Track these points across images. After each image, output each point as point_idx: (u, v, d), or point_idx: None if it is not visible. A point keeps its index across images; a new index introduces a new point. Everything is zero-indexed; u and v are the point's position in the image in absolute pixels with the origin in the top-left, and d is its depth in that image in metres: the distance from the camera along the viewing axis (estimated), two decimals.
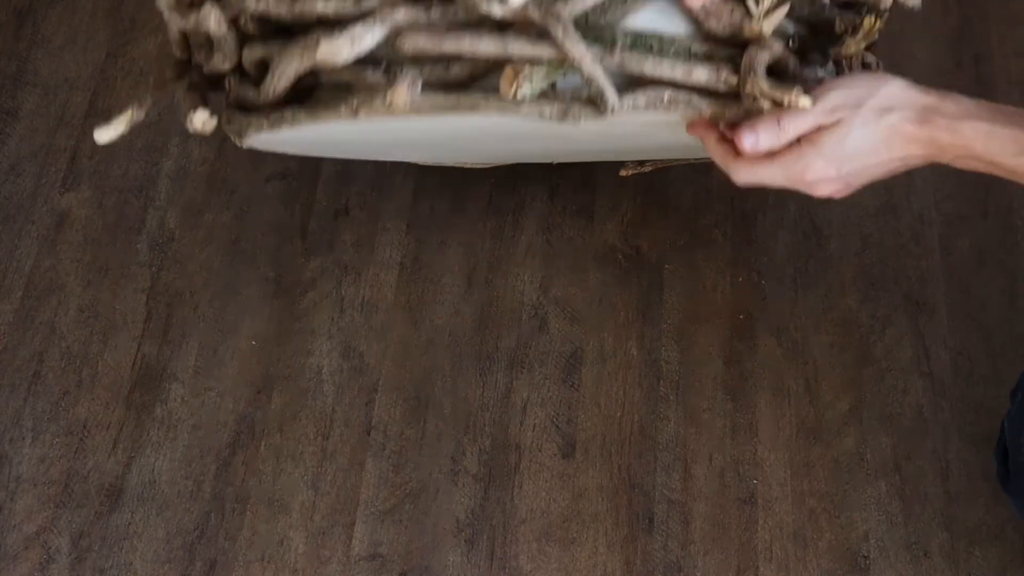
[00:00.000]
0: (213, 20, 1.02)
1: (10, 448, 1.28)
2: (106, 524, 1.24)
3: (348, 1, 0.98)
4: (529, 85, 0.98)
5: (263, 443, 1.29)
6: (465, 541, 1.24)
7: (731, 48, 1.02)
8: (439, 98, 0.99)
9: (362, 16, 0.97)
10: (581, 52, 0.97)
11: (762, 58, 1.01)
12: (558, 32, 0.96)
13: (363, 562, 1.23)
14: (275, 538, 1.24)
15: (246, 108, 1.06)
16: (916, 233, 1.42)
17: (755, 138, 1.02)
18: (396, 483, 1.27)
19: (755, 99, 1.00)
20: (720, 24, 1.02)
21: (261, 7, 1.01)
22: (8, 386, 1.32)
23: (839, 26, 1.07)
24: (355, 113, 1.00)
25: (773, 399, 1.31)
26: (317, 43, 0.96)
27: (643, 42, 1.01)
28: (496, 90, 0.99)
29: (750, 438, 1.29)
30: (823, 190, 1.04)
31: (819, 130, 1.02)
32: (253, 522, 1.24)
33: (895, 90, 1.03)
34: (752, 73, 1.00)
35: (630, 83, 1.01)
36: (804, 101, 0.99)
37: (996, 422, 1.27)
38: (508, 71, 0.97)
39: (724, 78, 1.01)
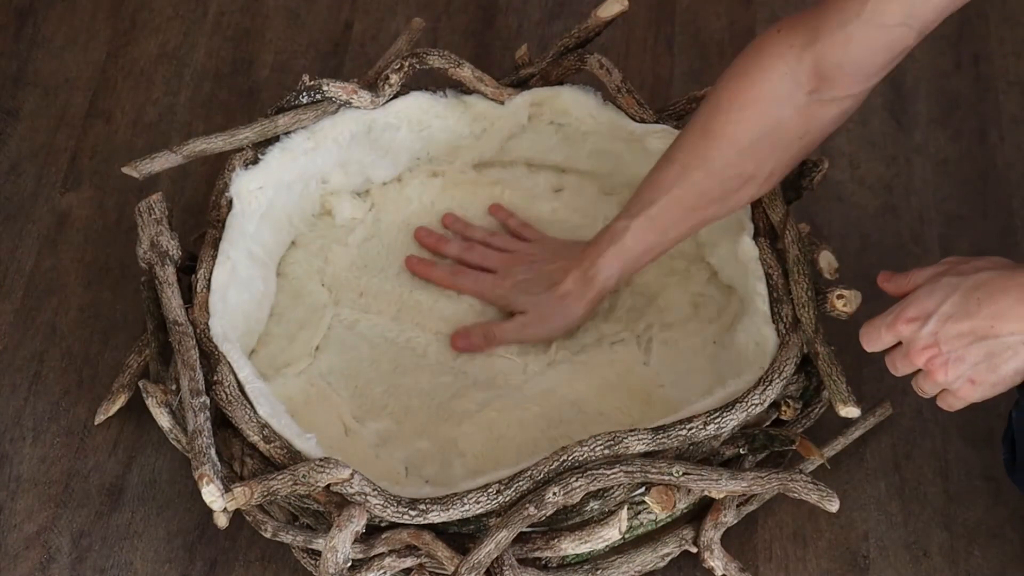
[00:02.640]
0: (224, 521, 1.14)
1: (11, 448, 1.28)
2: (107, 524, 1.24)
3: None
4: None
5: None
6: None
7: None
8: None
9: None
10: None
11: (716, 534, 1.19)
12: None
13: None
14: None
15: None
16: (916, 233, 1.42)
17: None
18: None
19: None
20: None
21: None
22: (9, 386, 1.32)
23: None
24: None
25: None
26: None
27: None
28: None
29: None
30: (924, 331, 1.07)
31: None
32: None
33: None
34: (709, 550, 1.19)
35: None
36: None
37: (995, 421, 1.27)
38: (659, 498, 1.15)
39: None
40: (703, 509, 1.20)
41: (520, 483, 1.13)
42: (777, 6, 1.61)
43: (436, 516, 1.12)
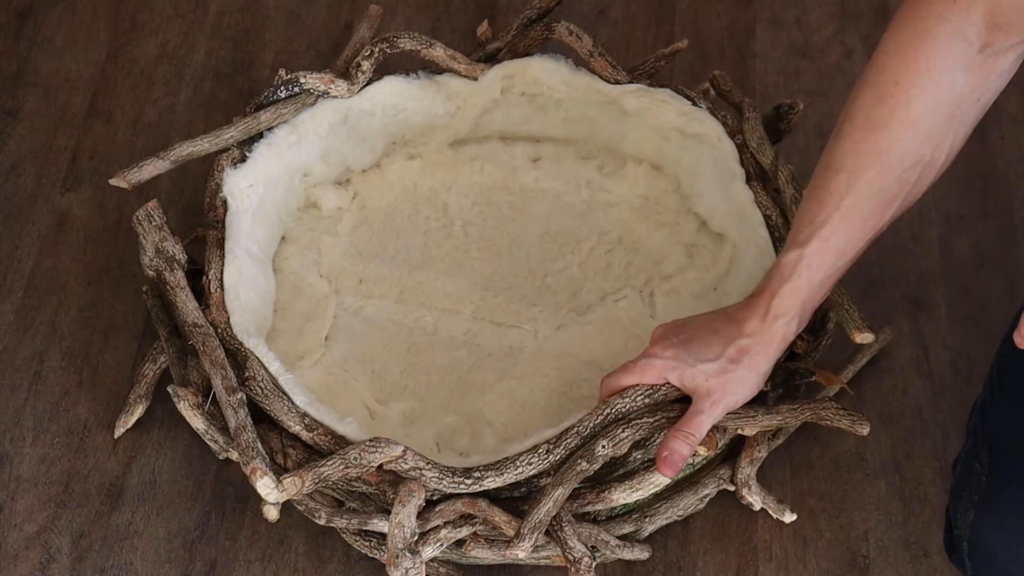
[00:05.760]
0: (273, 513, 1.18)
1: (11, 448, 1.28)
2: (107, 524, 1.24)
3: None
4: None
5: None
6: None
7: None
8: None
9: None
10: None
11: (752, 470, 1.22)
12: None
13: (364, 562, 1.23)
14: (276, 537, 1.24)
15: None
16: (916, 233, 1.43)
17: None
18: None
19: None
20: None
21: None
22: (9, 386, 1.32)
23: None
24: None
25: None
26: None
27: None
28: None
29: None
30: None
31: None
32: (253, 522, 1.24)
33: None
34: (747, 487, 1.22)
35: None
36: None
37: None
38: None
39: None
40: (734, 448, 1.24)
41: (568, 440, 1.15)
42: (777, 6, 1.61)
43: (491, 482, 1.14)
